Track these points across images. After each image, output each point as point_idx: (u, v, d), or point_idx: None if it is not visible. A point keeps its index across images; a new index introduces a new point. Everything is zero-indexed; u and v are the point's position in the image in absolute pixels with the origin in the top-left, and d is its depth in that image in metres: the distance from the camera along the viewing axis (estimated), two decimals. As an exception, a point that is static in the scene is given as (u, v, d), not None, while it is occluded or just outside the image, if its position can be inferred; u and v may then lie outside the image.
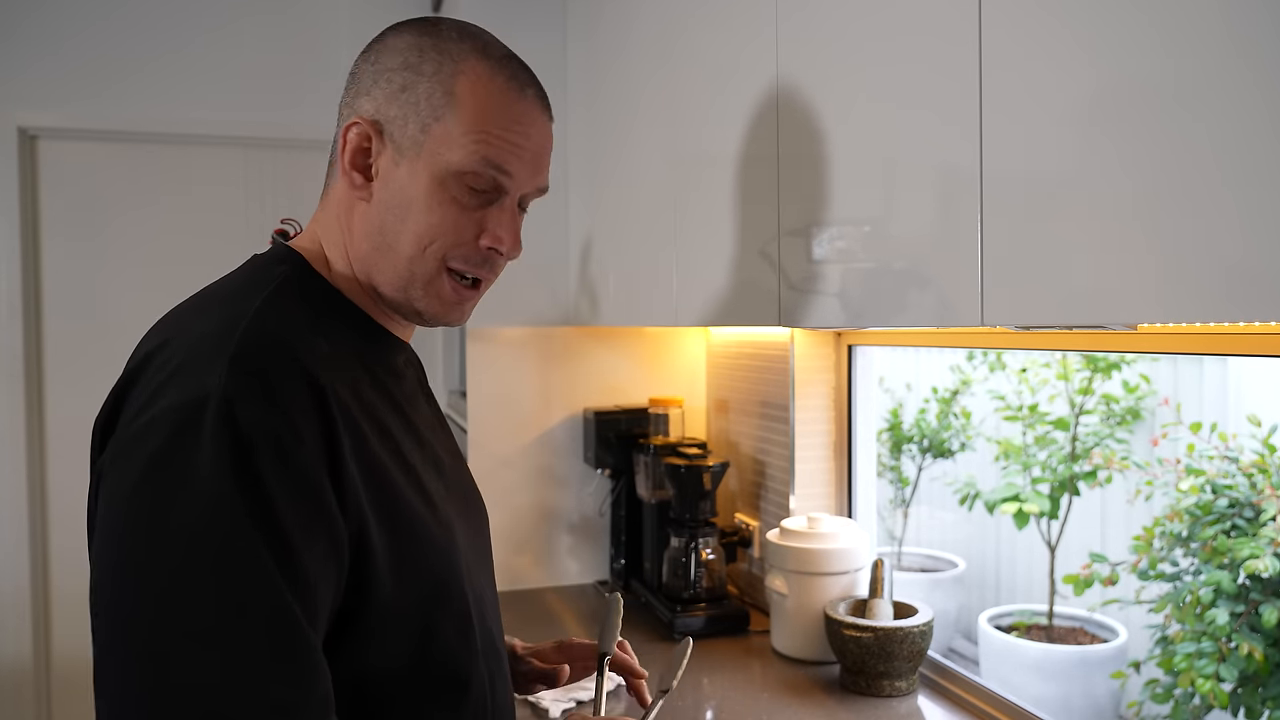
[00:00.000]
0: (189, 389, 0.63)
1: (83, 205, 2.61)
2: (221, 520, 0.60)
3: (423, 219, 0.76)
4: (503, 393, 2.17)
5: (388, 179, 0.76)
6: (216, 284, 0.78)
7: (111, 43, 2.57)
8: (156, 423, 0.63)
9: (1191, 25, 0.64)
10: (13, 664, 2.53)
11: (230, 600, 0.60)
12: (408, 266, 0.77)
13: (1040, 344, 1.41)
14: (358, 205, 0.78)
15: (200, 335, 0.68)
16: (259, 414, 0.63)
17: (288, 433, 0.63)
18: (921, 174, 0.92)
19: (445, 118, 0.75)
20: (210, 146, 2.70)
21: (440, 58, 0.76)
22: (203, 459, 0.61)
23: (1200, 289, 0.64)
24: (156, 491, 0.61)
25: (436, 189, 0.75)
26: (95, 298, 2.63)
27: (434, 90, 0.75)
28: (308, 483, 0.64)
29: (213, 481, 0.60)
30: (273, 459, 0.62)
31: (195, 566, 0.60)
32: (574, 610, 2.01)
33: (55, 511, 2.60)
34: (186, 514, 0.60)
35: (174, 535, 0.60)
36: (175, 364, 0.66)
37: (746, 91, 1.28)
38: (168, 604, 0.60)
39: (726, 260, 1.37)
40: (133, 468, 0.63)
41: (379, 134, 0.76)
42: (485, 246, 0.78)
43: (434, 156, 0.75)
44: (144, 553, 0.61)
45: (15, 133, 2.50)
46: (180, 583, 0.60)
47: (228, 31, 2.66)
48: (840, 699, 1.46)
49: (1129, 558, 2.37)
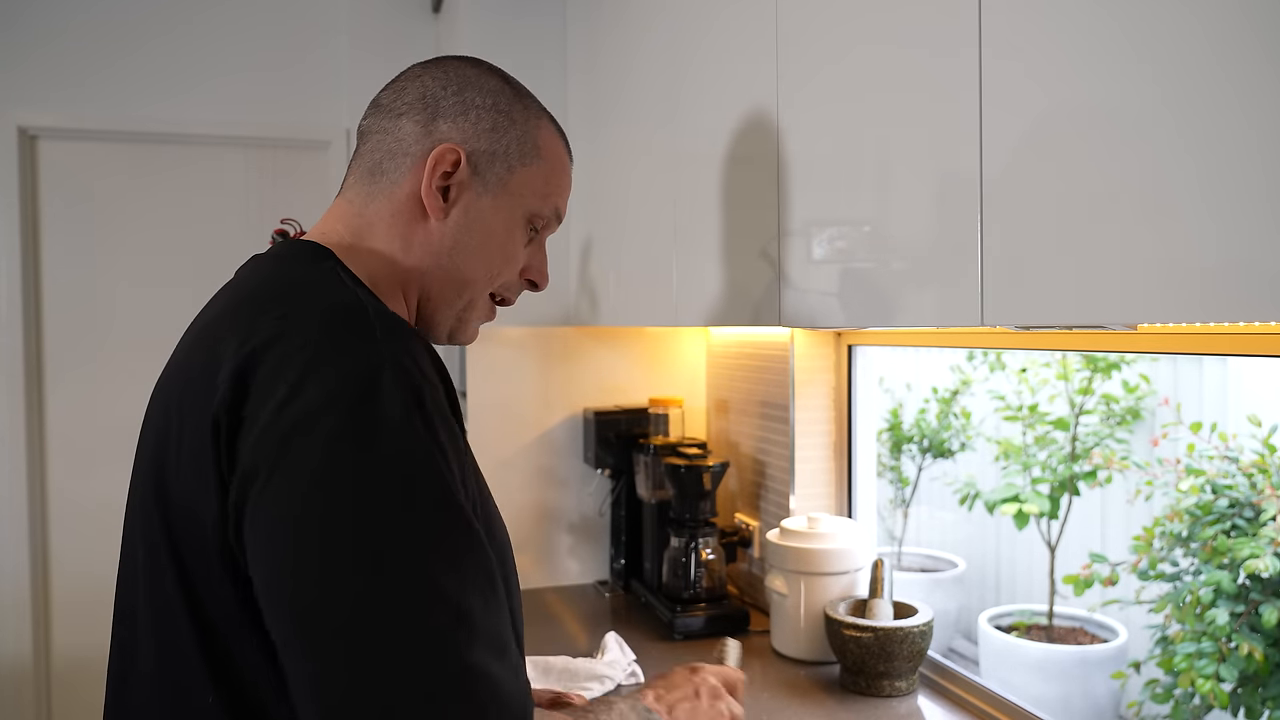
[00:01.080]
0: (353, 362, 0.65)
1: (83, 205, 2.61)
2: (431, 471, 0.64)
3: (497, 251, 0.85)
4: (503, 393, 2.17)
5: (469, 206, 0.83)
6: (275, 281, 0.76)
7: (111, 43, 2.57)
8: (329, 399, 0.63)
9: (1190, 28, 0.64)
10: (13, 664, 2.53)
11: (459, 544, 0.64)
12: (468, 290, 0.85)
13: (1040, 344, 1.41)
14: (423, 222, 0.82)
15: (328, 319, 0.69)
16: (424, 376, 0.67)
17: (440, 396, 0.68)
18: (921, 174, 0.92)
19: (531, 166, 0.85)
20: (210, 146, 2.70)
21: (525, 112, 0.86)
22: (398, 417, 0.63)
23: (1200, 289, 0.64)
24: (358, 462, 0.62)
25: (514, 226, 0.85)
26: (95, 298, 2.63)
27: (524, 140, 0.85)
28: (459, 446, 0.69)
29: (412, 433, 0.64)
30: (437, 414, 0.66)
31: (422, 516, 0.63)
32: (574, 610, 2.01)
33: (55, 511, 2.60)
34: (398, 471, 0.63)
35: (390, 492, 0.62)
36: (315, 347, 0.66)
37: (747, 90, 1.28)
38: (403, 553, 0.61)
39: (726, 260, 1.37)
40: (321, 449, 0.62)
41: (469, 163, 0.82)
42: (526, 280, 0.90)
43: (518, 198, 0.85)
44: (366, 515, 0.62)
45: (15, 133, 2.50)
46: (412, 532, 0.62)
47: (228, 31, 2.66)
48: (840, 699, 1.46)
49: (1129, 558, 2.37)
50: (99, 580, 2.58)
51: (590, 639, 1.78)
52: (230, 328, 0.70)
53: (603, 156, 1.93)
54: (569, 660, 1.55)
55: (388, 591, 0.60)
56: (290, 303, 0.71)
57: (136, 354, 2.64)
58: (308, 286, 0.73)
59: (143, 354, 2.60)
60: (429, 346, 0.73)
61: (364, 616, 0.60)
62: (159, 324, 2.63)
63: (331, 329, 0.67)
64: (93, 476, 2.61)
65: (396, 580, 0.61)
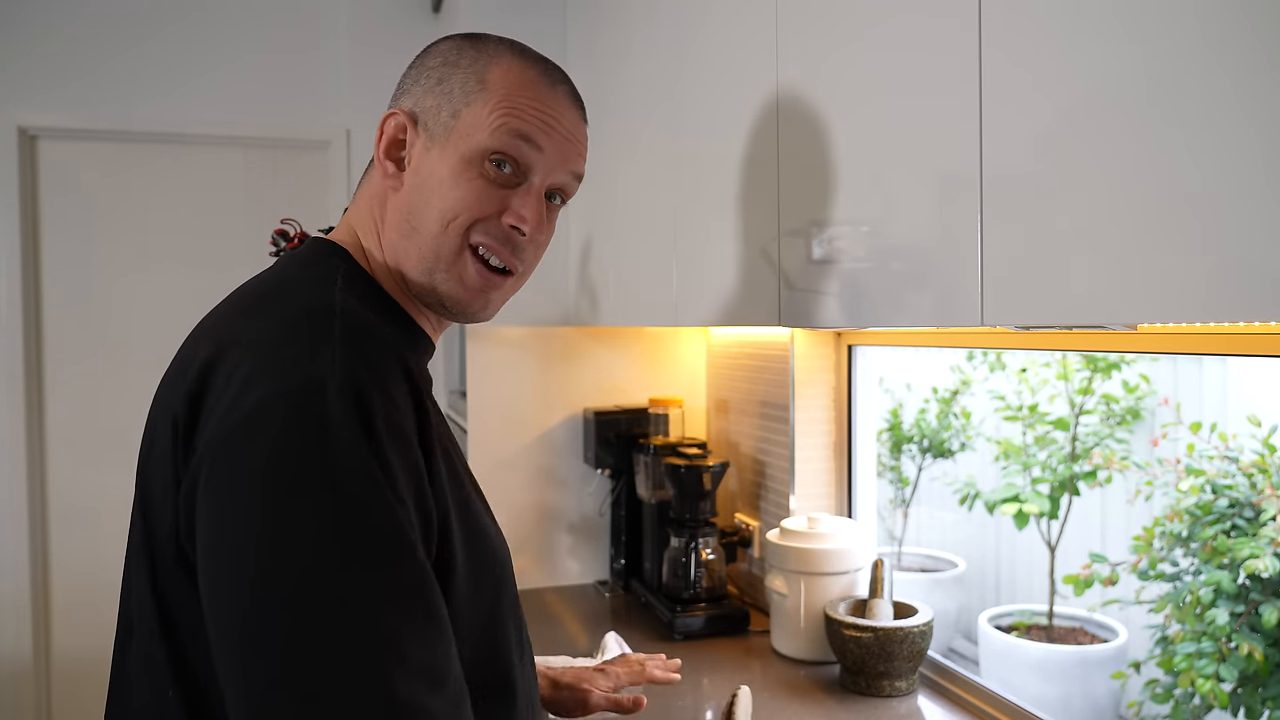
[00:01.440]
0: (300, 372, 0.62)
1: (83, 205, 2.61)
2: (362, 486, 0.60)
3: (448, 195, 0.76)
4: (503, 393, 2.17)
5: (419, 166, 0.78)
6: (269, 281, 0.76)
7: (111, 43, 2.57)
8: (270, 407, 0.61)
9: (1191, 24, 0.64)
10: (13, 664, 2.53)
11: (386, 568, 0.60)
12: (433, 245, 0.77)
13: (1040, 344, 1.41)
14: (390, 196, 0.79)
15: (292, 323, 0.67)
16: (377, 392, 0.63)
17: (396, 413, 0.64)
18: (921, 174, 0.92)
19: (475, 102, 0.77)
20: (210, 146, 2.70)
21: (476, 53, 0.79)
22: (336, 434, 0.60)
23: (1200, 289, 0.64)
24: (290, 472, 0.60)
25: (463, 167, 0.77)
26: (95, 298, 2.63)
27: (467, 79, 0.78)
28: (413, 460, 0.65)
29: (351, 453, 0.60)
30: (389, 434, 0.62)
31: (347, 535, 0.59)
32: (574, 610, 2.01)
33: (55, 511, 2.60)
34: (328, 482, 0.59)
35: (320, 507, 0.59)
36: (269, 351, 0.64)
37: (747, 91, 1.28)
38: (322, 572, 0.58)
39: (726, 260, 1.37)
40: (253, 453, 0.60)
41: (414, 124, 0.79)
42: (508, 225, 0.78)
43: (463, 138, 0.77)
44: (290, 529, 0.59)
45: (15, 133, 2.50)
46: (335, 551, 0.58)
47: (228, 31, 2.66)
48: (840, 699, 1.46)
49: (1129, 558, 2.37)
50: (99, 580, 2.58)
51: (590, 639, 1.78)
52: (215, 328, 0.71)
53: (603, 156, 1.93)
54: (569, 660, 1.55)
55: (303, 619, 0.57)
56: (266, 305, 0.71)
57: (136, 353, 2.64)
58: (290, 288, 0.73)
59: (142, 353, 2.61)
60: (404, 358, 0.69)
61: (279, 643, 0.57)
62: (159, 324, 2.63)
63: (289, 334, 0.66)
64: (93, 476, 2.61)
65: (313, 606, 0.57)
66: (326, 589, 0.58)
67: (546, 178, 0.80)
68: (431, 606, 0.62)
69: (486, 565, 0.74)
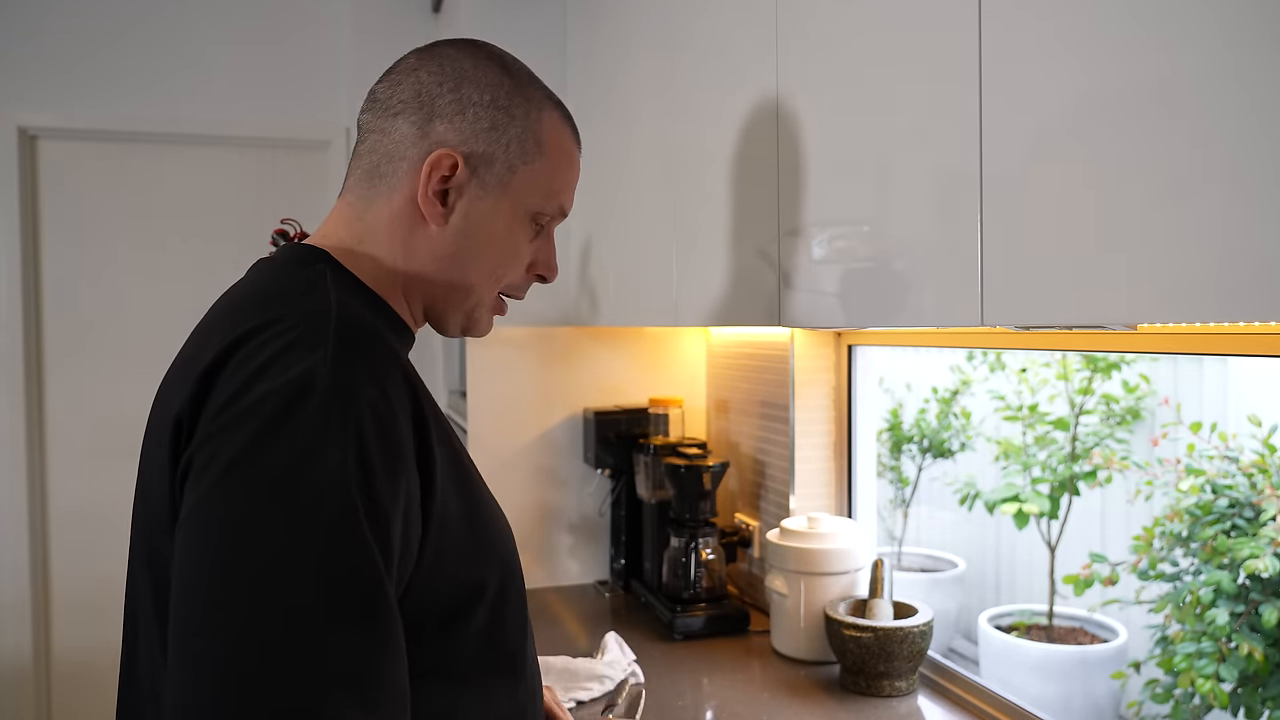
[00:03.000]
0: (295, 368, 0.63)
1: (83, 205, 2.61)
2: (335, 492, 0.60)
3: (499, 252, 0.83)
4: (503, 393, 2.17)
5: (469, 211, 0.80)
6: (258, 284, 0.77)
7: (112, 43, 2.57)
8: (265, 401, 0.61)
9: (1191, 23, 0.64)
10: (13, 664, 2.53)
11: (334, 573, 0.58)
12: (475, 293, 0.83)
13: (1040, 344, 1.41)
14: (423, 227, 0.80)
15: (291, 323, 0.67)
16: (369, 395, 0.64)
17: (391, 416, 0.64)
18: (921, 174, 0.92)
19: (534, 163, 0.82)
20: (210, 146, 2.70)
21: (526, 105, 0.82)
22: (317, 433, 0.60)
23: (1200, 289, 0.64)
24: (269, 465, 0.60)
25: (517, 227, 0.83)
26: (95, 298, 2.63)
27: (525, 137, 0.81)
28: (404, 467, 0.65)
29: (327, 455, 0.60)
30: (379, 440, 0.63)
31: (305, 536, 0.59)
32: (574, 610, 2.01)
33: (55, 511, 2.60)
34: (302, 484, 0.59)
35: (287, 505, 0.59)
36: (272, 349, 0.65)
37: (746, 91, 1.28)
38: (272, 572, 0.57)
39: (726, 260, 1.37)
40: (238, 443, 0.61)
41: (466, 166, 0.79)
42: (535, 275, 0.88)
43: (520, 197, 0.82)
44: (254, 524, 0.59)
45: (15, 133, 2.50)
46: (289, 550, 0.58)
47: (227, 31, 2.66)
48: (840, 699, 1.46)
49: (1129, 558, 2.37)
50: (99, 580, 2.58)
51: (590, 639, 1.78)
52: (216, 332, 0.71)
53: (603, 157, 1.93)
54: (569, 660, 1.55)
55: (242, 626, 0.56)
56: (263, 309, 0.70)
57: (136, 354, 2.64)
58: (286, 292, 0.73)
59: (143, 354, 2.61)
60: (395, 362, 0.69)
61: (214, 648, 0.56)
62: (159, 324, 2.63)
63: (293, 334, 0.66)
64: (93, 476, 2.61)
65: (256, 612, 0.56)
66: (268, 600, 0.57)
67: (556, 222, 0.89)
68: (380, 619, 0.60)
69: (495, 554, 0.76)
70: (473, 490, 0.76)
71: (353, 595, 0.59)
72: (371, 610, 0.60)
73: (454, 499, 0.71)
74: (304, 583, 0.58)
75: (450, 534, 0.70)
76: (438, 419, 0.74)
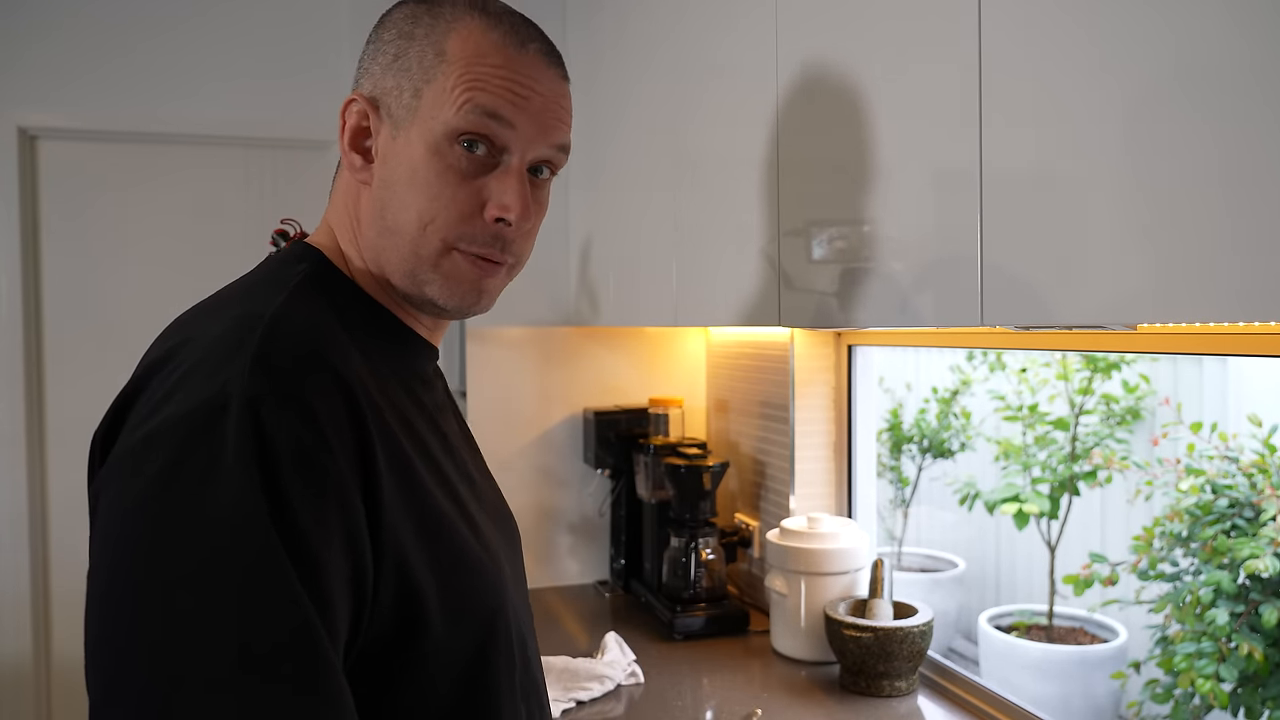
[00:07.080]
0: (204, 391, 0.56)
1: (83, 205, 2.61)
2: (247, 535, 0.52)
3: (421, 192, 0.68)
4: (502, 393, 2.17)
5: (386, 156, 0.70)
6: (231, 286, 0.71)
7: (112, 43, 2.57)
8: (167, 429, 0.55)
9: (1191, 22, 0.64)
10: (13, 664, 2.53)
11: (254, 627, 0.52)
12: (412, 248, 0.69)
13: (1040, 344, 1.41)
14: (362, 191, 0.72)
15: (215, 337, 0.60)
16: (286, 418, 0.55)
17: (317, 441, 0.56)
18: (921, 174, 0.92)
19: (436, 77, 0.67)
20: (210, 146, 2.70)
21: (433, 20, 0.69)
22: (225, 468, 0.53)
23: (1200, 289, 0.64)
24: (170, 506, 0.53)
25: (432, 157, 0.68)
26: (95, 298, 2.63)
27: (425, 52, 0.68)
28: (337, 499, 0.56)
29: (237, 492, 0.53)
30: (300, 469, 0.55)
31: (217, 586, 0.52)
32: (574, 610, 2.01)
33: (55, 511, 2.60)
34: (208, 527, 0.53)
35: (192, 551, 0.52)
36: (186, 367, 0.58)
37: (746, 91, 1.28)
38: (184, 630, 0.51)
39: (726, 260, 1.37)
40: (140, 479, 0.54)
41: (376, 110, 0.70)
42: (492, 218, 0.69)
43: (427, 120, 0.68)
44: (157, 571, 0.52)
45: (15, 133, 2.50)
46: (200, 605, 0.51)
47: (228, 31, 2.66)
48: (840, 699, 1.46)
49: (1129, 558, 2.37)
50: (99, 580, 2.58)
51: (590, 639, 1.78)
52: (163, 336, 0.67)
53: (603, 157, 1.93)
54: (569, 660, 1.55)
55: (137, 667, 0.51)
56: (217, 311, 0.65)
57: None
58: (243, 297, 0.67)
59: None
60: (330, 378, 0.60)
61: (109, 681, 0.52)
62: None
63: (210, 352, 0.59)
64: (93, 476, 2.61)
65: (146, 663, 0.51)
66: (192, 645, 0.51)
67: (526, 154, 0.70)
68: (306, 657, 0.53)
69: (470, 603, 0.66)
70: (443, 523, 0.65)
71: (279, 650, 0.52)
72: (300, 665, 0.52)
73: (411, 535, 0.62)
74: (224, 638, 0.51)
75: (409, 579, 0.61)
76: (413, 441, 0.66)
